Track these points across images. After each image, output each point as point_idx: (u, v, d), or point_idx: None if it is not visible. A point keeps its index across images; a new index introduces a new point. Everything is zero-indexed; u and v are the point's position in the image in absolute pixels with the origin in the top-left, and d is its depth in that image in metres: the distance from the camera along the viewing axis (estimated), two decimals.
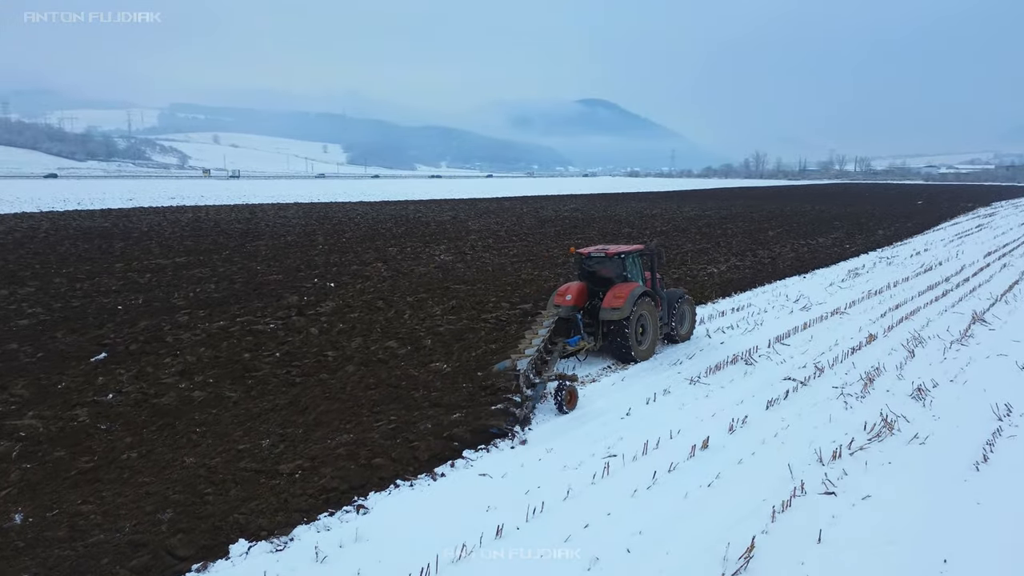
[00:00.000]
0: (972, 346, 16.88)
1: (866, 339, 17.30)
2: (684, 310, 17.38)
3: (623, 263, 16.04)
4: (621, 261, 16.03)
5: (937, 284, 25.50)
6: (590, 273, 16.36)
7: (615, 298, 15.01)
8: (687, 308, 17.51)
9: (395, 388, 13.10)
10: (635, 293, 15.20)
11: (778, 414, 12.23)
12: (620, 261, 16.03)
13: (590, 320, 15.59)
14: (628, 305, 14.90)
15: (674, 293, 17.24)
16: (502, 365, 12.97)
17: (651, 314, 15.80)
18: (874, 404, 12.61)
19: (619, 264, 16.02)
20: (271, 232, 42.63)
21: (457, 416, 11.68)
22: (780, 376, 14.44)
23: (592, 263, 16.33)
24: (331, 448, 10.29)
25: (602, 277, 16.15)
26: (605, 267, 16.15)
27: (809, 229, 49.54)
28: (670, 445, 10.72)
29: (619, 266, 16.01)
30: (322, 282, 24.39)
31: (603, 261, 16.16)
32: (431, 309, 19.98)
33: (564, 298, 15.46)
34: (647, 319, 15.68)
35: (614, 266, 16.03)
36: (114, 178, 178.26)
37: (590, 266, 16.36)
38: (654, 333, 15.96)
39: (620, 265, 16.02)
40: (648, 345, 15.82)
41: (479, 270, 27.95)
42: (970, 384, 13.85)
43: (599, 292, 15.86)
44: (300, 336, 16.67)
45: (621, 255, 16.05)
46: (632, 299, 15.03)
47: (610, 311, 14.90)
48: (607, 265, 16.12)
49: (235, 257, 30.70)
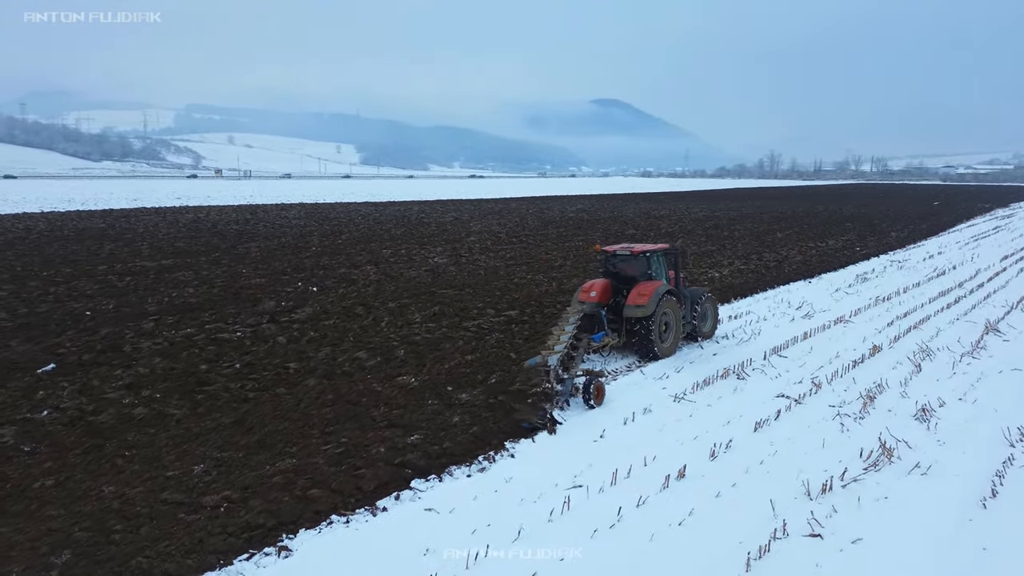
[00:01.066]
0: (984, 359, 15.72)
1: (870, 351, 16.18)
2: (706, 308, 17.48)
3: (648, 262, 16.27)
4: (646, 260, 16.26)
5: (949, 290, 24.26)
6: (614, 271, 16.60)
7: (640, 296, 15.19)
8: (709, 307, 17.62)
9: (353, 405, 12.18)
10: (659, 291, 15.39)
11: (767, 437, 11.18)
12: (645, 260, 16.27)
13: (614, 317, 15.77)
14: (652, 303, 15.08)
15: (696, 291, 17.34)
16: (533, 361, 12.87)
17: (674, 312, 16.01)
18: (873, 426, 11.53)
19: (644, 262, 16.26)
20: (267, 233, 41.94)
21: (415, 438, 10.76)
22: (773, 393, 13.37)
23: (617, 261, 16.62)
24: (267, 476, 9.37)
25: (626, 275, 16.37)
26: (630, 265, 16.42)
27: (819, 231, 48.19)
28: (642, 474, 9.71)
29: (644, 264, 16.25)
30: (305, 286, 23.55)
31: (628, 259, 16.43)
32: (411, 316, 19.05)
33: (589, 295, 15.65)
34: (671, 317, 15.89)
35: (639, 264, 16.29)
36: (127, 178, 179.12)
37: (615, 264, 16.65)
38: (677, 331, 16.16)
39: (645, 263, 16.26)
40: (671, 343, 16.01)
41: (471, 274, 27.02)
42: (980, 403, 12.73)
43: (623, 290, 16.09)
44: (266, 345, 15.80)
45: (646, 254, 16.27)
46: (656, 297, 15.21)
47: (635, 308, 15.08)
48: (632, 263, 16.39)
49: (223, 260, 29.96)
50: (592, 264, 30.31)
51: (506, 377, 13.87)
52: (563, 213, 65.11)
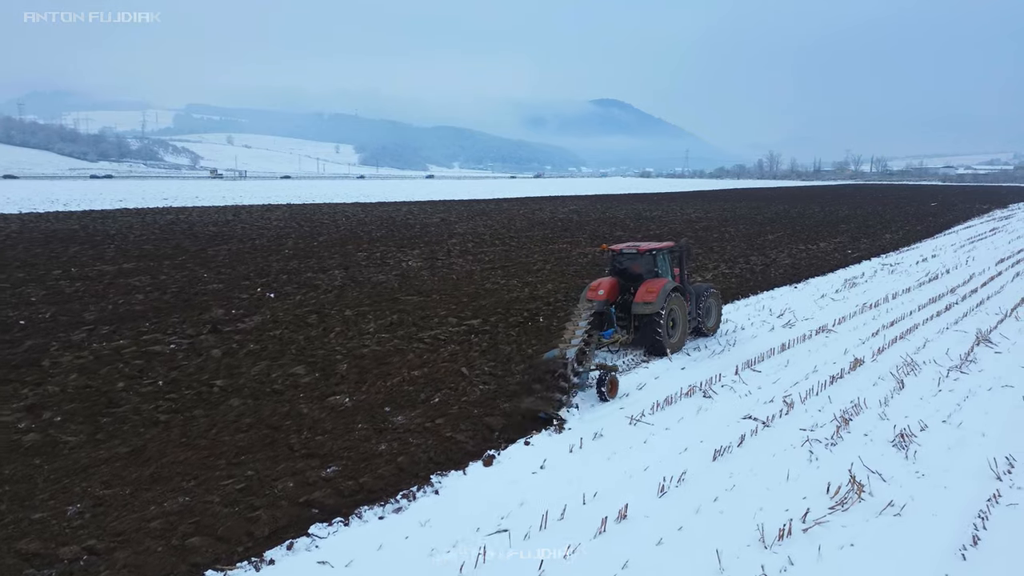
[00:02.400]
0: (973, 374, 14.57)
1: (850, 365, 15.02)
2: (710, 304, 17.81)
3: (654, 259, 16.60)
4: (652, 257, 16.57)
5: (941, 296, 23.10)
6: (621, 269, 16.81)
7: (647, 293, 15.51)
8: (713, 302, 17.94)
9: (273, 430, 11.03)
10: (666, 288, 15.66)
11: (726, 467, 10.03)
12: (651, 257, 16.57)
13: (622, 314, 16.09)
14: (660, 300, 15.37)
15: (701, 288, 17.63)
16: (551, 354, 12.90)
17: (681, 308, 16.28)
18: (846, 455, 10.38)
19: (650, 260, 16.55)
20: (243, 235, 40.77)
21: (331, 471, 9.61)
22: (740, 414, 12.21)
23: (624, 259, 16.83)
24: (148, 519, 8.23)
25: (633, 273, 16.59)
26: (636, 263, 16.65)
27: (812, 233, 47.03)
28: (578, 516, 8.56)
29: (650, 262, 16.54)
30: (263, 292, 22.39)
31: (635, 257, 16.65)
32: (365, 325, 17.90)
33: (596, 293, 15.88)
34: (677, 313, 16.15)
35: (645, 262, 16.55)
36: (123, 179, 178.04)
37: (621, 263, 16.86)
38: (683, 326, 16.41)
39: (651, 261, 16.56)
40: (678, 338, 16.26)
41: (442, 278, 25.87)
42: (966, 426, 11.57)
43: (630, 287, 16.33)
44: (199, 359, 14.64)
45: (652, 252, 16.56)
46: (664, 294, 15.49)
47: (643, 305, 15.40)
48: (638, 261, 16.62)
49: (188, 264, 28.80)
50: (572, 268, 29.19)
51: (451, 396, 12.74)
52: (554, 214, 63.98)
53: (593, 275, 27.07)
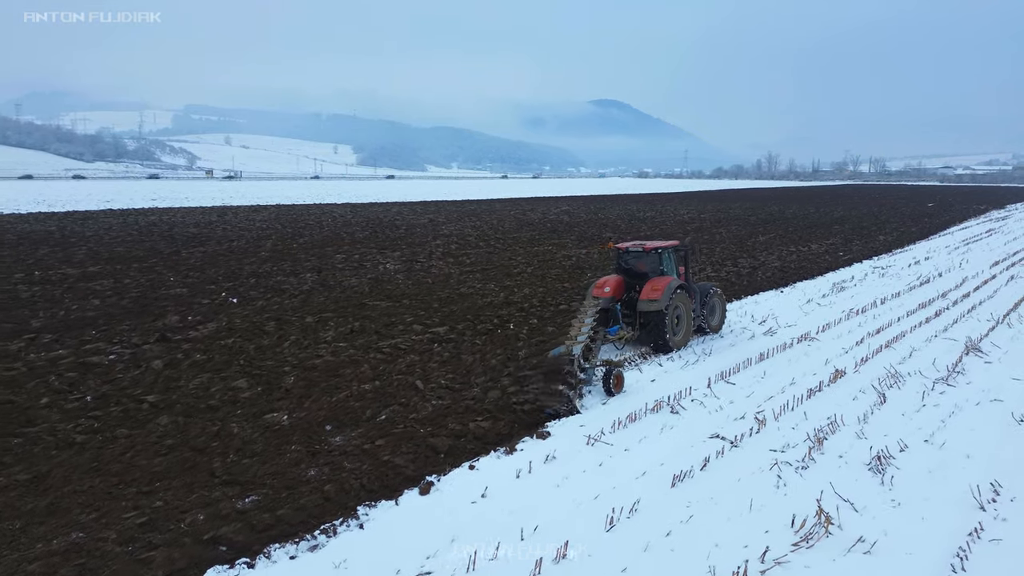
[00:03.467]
0: (961, 387, 13.72)
1: (831, 377, 14.17)
2: (714, 303, 18.09)
3: (659, 258, 16.81)
4: (658, 256, 16.79)
5: (931, 301, 22.25)
6: (627, 267, 17.02)
7: (653, 290, 15.74)
8: (717, 301, 18.19)
9: (196, 453, 10.16)
10: (671, 286, 15.90)
11: (685, 495, 9.17)
12: (657, 256, 16.78)
13: (627, 311, 16.22)
14: (665, 297, 15.59)
15: (705, 287, 17.90)
16: (557, 351, 12.89)
17: (685, 306, 16.50)
18: (817, 480, 9.53)
19: (656, 259, 16.78)
20: (223, 237, 39.90)
21: (250, 501, 8.75)
22: (707, 432, 11.36)
23: (630, 258, 17.07)
24: (28, 560, 7.36)
25: (639, 271, 16.83)
26: (642, 261, 16.91)
27: (805, 234, 46.19)
28: (512, 555, 7.70)
29: (656, 261, 16.78)
30: (227, 297, 21.52)
31: (640, 256, 16.90)
32: (323, 333, 17.04)
33: (603, 290, 16.02)
34: (682, 311, 16.41)
35: (651, 261, 16.80)
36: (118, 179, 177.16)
37: (627, 261, 17.09)
38: (687, 324, 16.63)
39: (657, 260, 16.78)
40: (682, 335, 16.49)
41: (417, 282, 25.01)
42: (949, 447, 10.72)
43: (635, 285, 16.54)
44: (137, 371, 13.77)
45: (658, 250, 16.78)
46: (669, 291, 15.73)
47: (648, 303, 15.60)
48: (644, 260, 16.88)
49: (158, 266, 27.93)
50: (554, 271, 28.35)
51: (399, 413, 11.87)
52: (545, 215, 63.13)
53: (574, 279, 26.23)
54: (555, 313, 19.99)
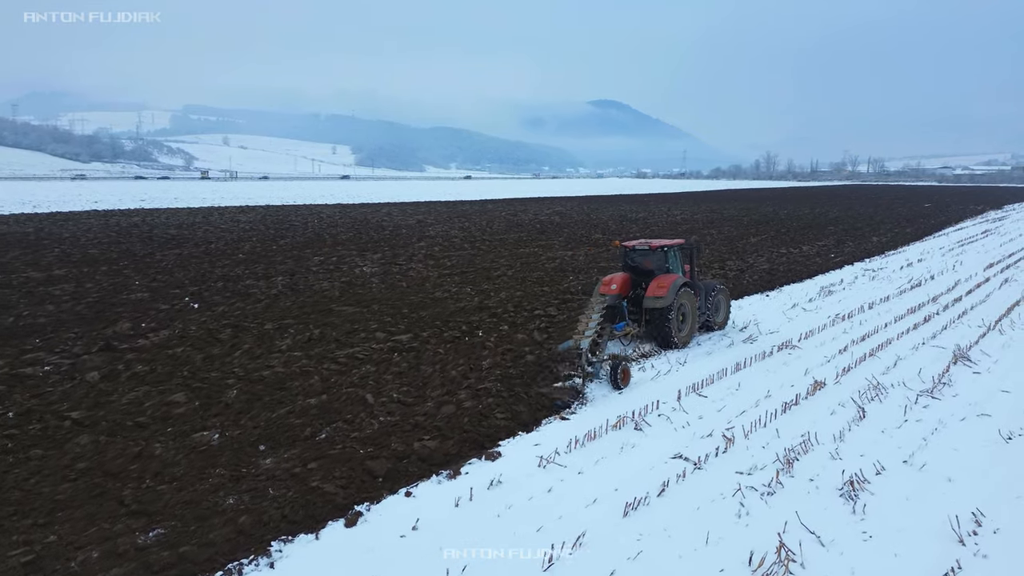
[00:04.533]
0: (947, 399, 12.91)
1: (809, 389, 13.36)
2: (719, 300, 18.30)
3: (665, 255, 17.08)
4: (664, 254, 17.05)
5: (921, 305, 21.44)
6: (633, 265, 17.31)
7: (658, 288, 15.90)
8: (722, 299, 18.41)
9: (110, 477, 9.34)
10: (677, 283, 16.08)
11: (637, 526, 8.36)
12: (663, 254, 17.04)
13: (634, 308, 16.52)
14: (671, 294, 15.78)
15: (710, 284, 18.12)
16: (565, 345, 13.60)
17: (691, 303, 16.70)
18: (783, 508, 8.72)
19: (661, 256, 17.02)
20: (202, 238, 39.06)
21: (153, 535, 7.94)
22: (670, 452, 10.54)
23: (636, 255, 17.33)
24: None
25: (645, 268, 17.08)
26: (648, 259, 17.14)
27: (797, 235, 45.38)
28: None
29: (661, 258, 17.01)
30: (191, 301, 20.70)
31: (647, 254, 17.14)
32: (279, 342, 16.21)
33: (609, 287, 16.26)
34: (687, 308, 16.61)
35: (657, 258, 17.03)
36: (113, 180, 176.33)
37: (633, 258, 17.36)
38: (693, 321, 16.84)
39: (663, 257, 17.03)
40: (687, 332, 16.71)
41: (391, 286, 24.18)
42: (930, 469, 9.91)
43: (642, 282, 16.76)
44: (70, 384, 12.94)
45: (664, 248, 17.03)
46: (674, 289, 15.93)
47: (654, 299, 15.78)
48: (650, 257, 17.10)
49: (127, 269, 27.11)
50: (535, 274, 27.53)
51: (341, 431, 11.05)
52: (536, 216, 62.33)
53: (555, 282, 25.44)
54: (528, 318, 19.18)
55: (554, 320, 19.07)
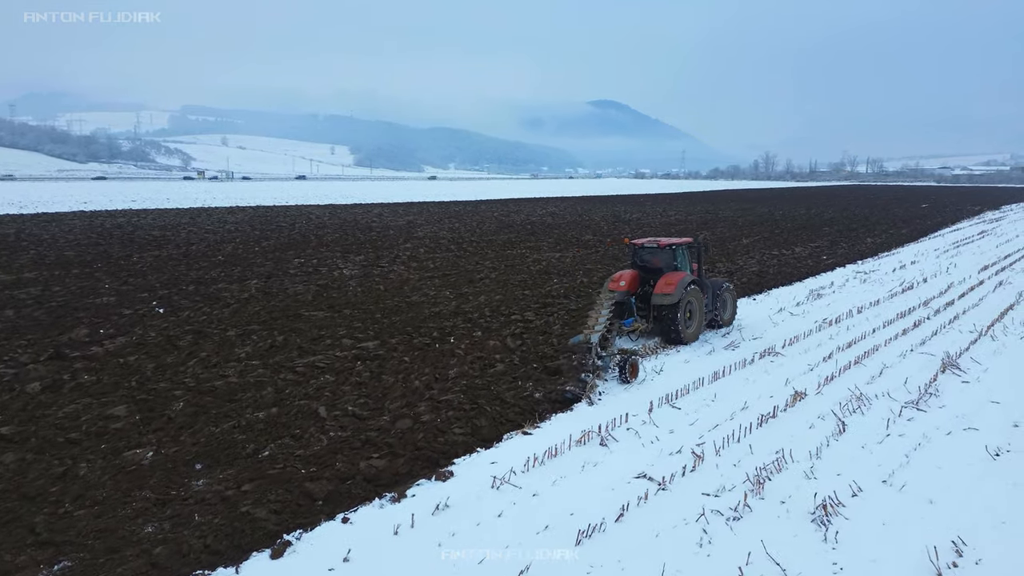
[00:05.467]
0: (933, 411, 12.25)
1: (788, 400, 12.69)
2: (726, 298, 18.64)
3: (673, 253, 17.37)
4: (672, 252, 17.36)
5: (912, 310, 20.79)
6: (642, 263, 17.60)
7: (667, 285, 16.16)
8: (729, 296, 18.78)
9: (25, 501, 8.67)
10: (684, 281, 16.35)
11: (588, 556, 7.70)
12: (671, 252, 17.36)
13: (642, 304, 16.81)
14: (679, 291, 16.06)
15: (717, 282, 18.48)
16: (576, 339, 13.76)
17: (698, 300, 16.94)
18: (749, 535, 8.06)
19: (670, 254, 17.34)
20: (184, 240, 38.39)
21: (57, 570, 7.26)
22: (636, 470, 9.88)
23: (645, 253, 17.62)
24: None
25: (653, 266, 17.39)
26: (657, 257, 17.45)
27: (791, 237, 44.72)
28: None
29: (670, 256, 17.33)
30: (159, 305, 20.03)
31: (655, 251, 17.46)
32: (240, 348, 15.55)
33: (618, 284, 16.49)
34: (694, 305, 16.87)
35: (665, 256, 17.35)
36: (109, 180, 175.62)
37: (642, 257, 17.65)
38: (700, 318, 17.08)
39: (671, 255, 17.34)
40: (695, 328, 16.94)
41: (369, 289, 23.51)
42: (910, 490, 9.24)
43: (650, 280, 17.01)
44: (8, 396, 12.28)
45: (672, 246, 17.37)
46: (682, 286, 16.19)
47: (662, 296, 16.07)
48: (659, 255, 17.42)
49: (99, 272, 26.44)
50: (518, 277, 26.88)
51: (286, 449, 10.38)
52: (528, 216, 61.68)
53: (538, 285, 24.81)
54: (504, 323, 18.52)
55: (530, 325, 18.41)
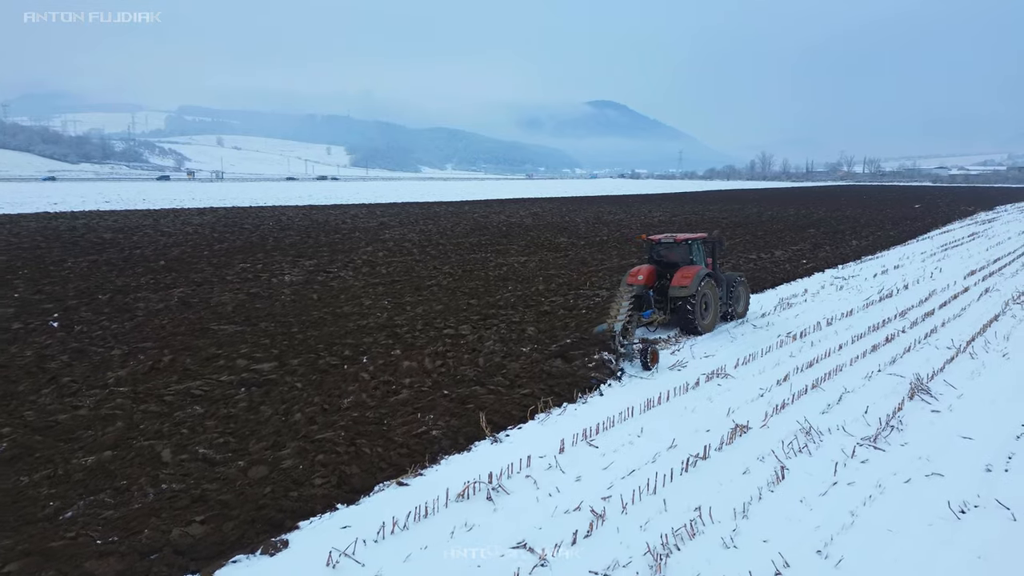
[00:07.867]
0: (893, 449, 10.43)
1: (726, 436, 10.85)
2: (739, 291, 19.25)
3: (689, 248, 18.10)
4: (688, 246, 18.08)
5: (887, 321, 18.98)
6: (659, 258, 18.38)
7: (683, 278, 16.85)
8: (742, 290, 19.40)
9: None
10: (700, 274, 17.02)
11: None
12: (687, 246, 18.07)
13: (659, 297, 17.54)
14: (695, 284, 16.74)
15: (731, 276, 19.00)
16: (600, 328, 14.56)
17: (713, 293, 17.68)
18: None
19: (685, 249, 18.05)
20: (135, 243, 36.46)
21: None
22: (518, 536, 8.02)
23: (662, 248, 18.34)
24: None
25: (670, 261, 18.15)
26: (673, 252, 18.18)
27: (774, 239, 42.91)
28: None
29: (686, 251, 18.05)
30: (54, 319, 18.16)
31: (672, 247, 18.17)
32: (115, 371, 13.67)
33: (636, 278, 17.41)
34: (709, 297, 17.57)
35: (681, 251, 18.07)
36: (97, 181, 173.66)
37: (659, 252, 18.41)
38: (715, 309, 17.79)
39: (687, 250, 18.06)
40: (710, 320, 17.63)
41: (300, 299, 21.65)
42: (848, 565, 7.41)
43: (667, 273, 17.76)
44: None
45: (688, 241, 18.07)
46: (698, 279, 16.87)
47: (679, 289, 16.75)
48: (675, 250, 18.14)
49: (18, 280, 24.55)
50: (471, 284, 25.03)
51: (99, 506, 8.50)
52: (508, 218, 59.84)
53: (490, 293, 23.00)
54: (432, 339, 16.66)
55: (461, 341, 16.56)
